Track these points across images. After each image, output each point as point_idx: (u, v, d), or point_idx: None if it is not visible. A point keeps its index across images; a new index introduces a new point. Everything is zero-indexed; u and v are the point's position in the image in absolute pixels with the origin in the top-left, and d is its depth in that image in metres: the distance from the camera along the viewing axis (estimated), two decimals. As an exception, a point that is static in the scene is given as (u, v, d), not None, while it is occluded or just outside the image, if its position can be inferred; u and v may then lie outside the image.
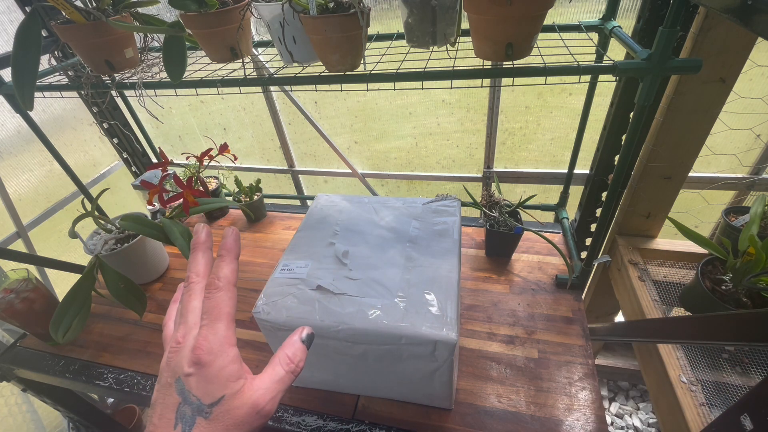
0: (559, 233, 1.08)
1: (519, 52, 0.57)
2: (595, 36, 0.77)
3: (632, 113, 0.71)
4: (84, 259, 0.94)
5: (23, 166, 1.27)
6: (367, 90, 0.73)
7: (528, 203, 0.99)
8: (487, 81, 1.10)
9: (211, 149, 1.02)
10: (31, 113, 0.83)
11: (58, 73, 0.82)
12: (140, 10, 0.72)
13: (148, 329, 0.96)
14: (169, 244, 0.86)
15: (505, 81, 1.04)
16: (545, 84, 0.62)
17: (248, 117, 1.45)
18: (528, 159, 1.28)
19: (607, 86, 0.93)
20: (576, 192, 1.07)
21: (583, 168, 1.09)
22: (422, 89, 0.81)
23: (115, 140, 1.31)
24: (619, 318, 1.34)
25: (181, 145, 1.62)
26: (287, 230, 1.21)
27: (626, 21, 0.78)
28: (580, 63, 0.56)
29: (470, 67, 0.59)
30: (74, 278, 0.87)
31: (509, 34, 0.55)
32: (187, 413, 0.26)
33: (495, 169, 1.30)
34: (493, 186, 1.15)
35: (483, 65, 0.60)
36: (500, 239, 0.98)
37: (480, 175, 1.34)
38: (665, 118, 0.85)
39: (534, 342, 0.81)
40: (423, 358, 0.59)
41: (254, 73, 0.72)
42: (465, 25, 0.64)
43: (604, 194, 0.97)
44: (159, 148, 1.04)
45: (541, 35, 0.62)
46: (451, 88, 1.12)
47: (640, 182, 0.96)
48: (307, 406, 0.75)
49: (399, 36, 0.76)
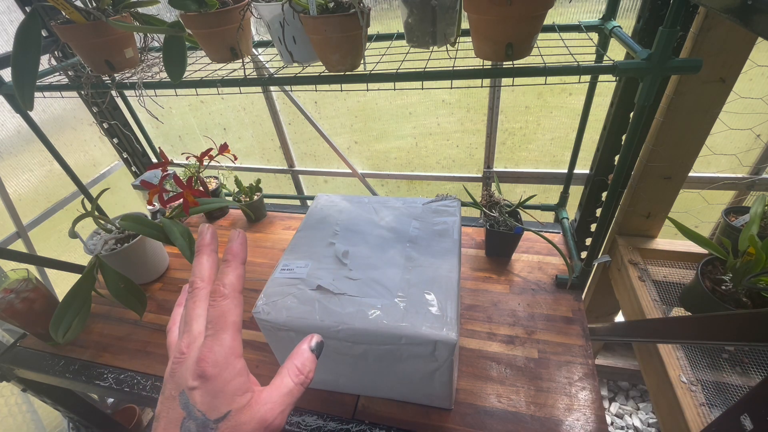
0: (559, 233, 1.08)
1: (519, 52, 0.57)
2: (595, 36, 0.77)
3: (632, 113, 0.71)
4: (84, 259, 0.94)
5: (23, 166, 1.27)
6: (367, 90, 0.73)
7: (528, 203, 0.99)
8: (487, 81, 1.10)
9: (211, 149, 1.02)
10: (31, 113, 0.83)
11: (58, 73, 0.82)
12: (140, 10, 0.72)
13: (148, 329, 0.96)
14: (169, 244, 0.86)
15: (505, 81, 1.04)
16: (545, 84, 0.62)
17: (248, 117, 1.45)
18: (528, 159, 1.28)
19: (607, 86, 0.93)
20: (576, 192, 1.07)
21: (583, 168, 1.09)
22: (422, 89, 0.81)
23: (115, 140, 1.31)
24: (619, 318, 1.34)
25: (181, 145, 1.62)
26: (287, 230, 1.21)
27: (626, 21, 0.78)
28: (580, 63, 0.56)
29: (470, 67, 0.59)
30: (74, 278, 0.87)
31: (509, 34, 0.55)
32: (192, 429, 0.25)
33: (495, 169, 1.30)
34: (493, 186, 1.15)
35: (483, 65, 0.60)
36: (500, 239, 0.98)
37: (480, 175, 1.34)
38: (665, 118, 0.85)
39: (534, 342, 0.81)
40: (423, 358, 0.59)
41: (254, 73, 0.72)
42: (465, 25, 0.64)
43: (604, 194, 0.97)
44: (159, 148, 1.04)
45: (541, 35, 0.62)
46: (451, 88, 1.12)
47: (640, 182, 0.96)
48: (307, 406, 0.75)
49: (399, 36, 0.76)
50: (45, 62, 0.76)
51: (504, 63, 0.59)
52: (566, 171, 1.06)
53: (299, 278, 0.65)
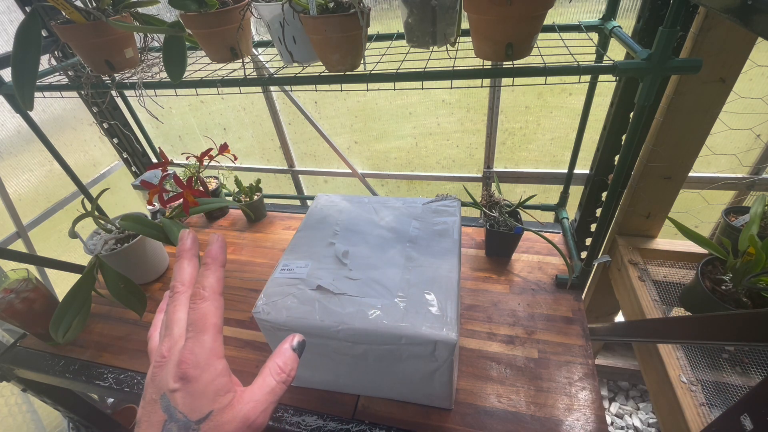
0: (559, 233, 1.08)
1: (519, 52, 0.57)
2: (595, 36, 0.77)
3: (632, 113, 0.71)
4: (84, 259, 0.94)
5: (23, 166, 1.27)
6: (367, 90, 0.73)
7: (528, 203, 0.99)
8: (487, 81, 1.10)
9: (211, 149, 1.02)
10: (31, 113, 0.83)
11: (58, 73, 0.82)
12: (140, 10, 0.72)
13: (148, 329, 0.95)
14: (169, 244, 0.86)
15: (505, 81, 1.04)
16: (545, 84, 0.62)
17: (248, 117, 1.45)
18: (528, 159, 1.28)
19: (607, 86, 0.93)
20: (576, 192, 1.07)
21: (583, 168, 1.09)
22: (422, 89, 0.81)
23: (115, 140, 1.31)
24: (619, 318, 1.34)
25: (181, 145, 1.62)
26: (287, 230, 1.21)
27: (626, 21, 0.78)
28: (580, 63, 0.56)
29: (470, 67, 0.59)
30: (74, 278, 0.87)
31: (509, 34, 0.55)
32: (174, 431, 0.25)
33: (495, 169, 1.30)
34: (493, 186, 1.15)
35: (483, 65, 0.60)
36: (500, 239, 0.98)
37: (480, 175, 1.34)
38: (665, 118, 0.85)
39: (534, 342, 0.81)
40: (423, 358, 0.59)
41: (254, 73, 0.72)
42: (465, 25, 0.64)
43: (604, 194, 0.97)
44: (159, 148, 1.04)
45: (541, 35, 0.62)
46: (451, 88, 1.12)
47: (640, 182, 0.96)
48: (307, 406, 0.75)
49: (399, 36, 0.76)
50: (45, 62, 0.76)
51: (504, 63, 0.59)
52: (566, 171, 1.06)
53: (299, 278, 0.65)
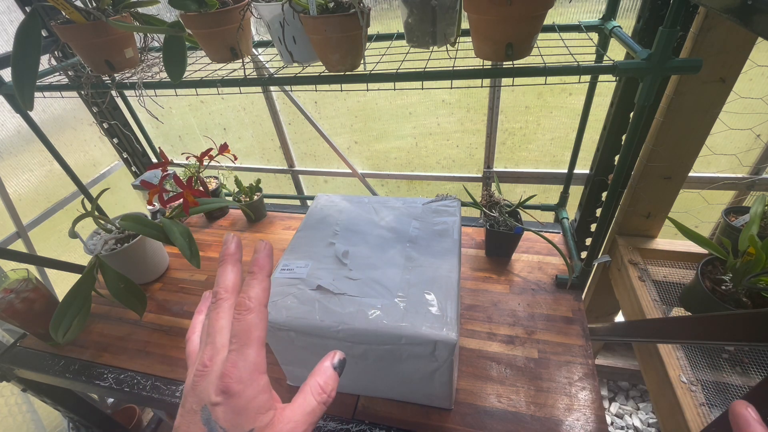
0: (559, 233, 1.08)
1: (519, 52, 0.57)
2: (595, 36, 0.77)
3: (632, 113, 0.71)
4: (84, 259, 0.94)
5: (23, 166, 1.27)
6: (367, 90, 0.73)
7: (528, 203, 0.99)
8: (487, 81, 1.10)
9: (211, 149, 1.02)
10: (31, 113, 0.83)
11: (58, 73, 0.82)
12: (140, 10, 0.72)
13: (148, 329, 0.95)
14: (169, 244, 0.86)
15: (505, 81, 1.04)
16: (545, 84, 0.62)
17: (248, 117, 1.45)
18: (528, 159, 1.28)
19: (607, 86, 0.93)
20: (576, 192, 1.07)
21: (583, 168, 1.09)
22: (422, 89, 0.81)
23: (115, 140, 1.31)
24: (619, 318, 1.34)
25: (181, 145, 1.62)
26: (287, 230, 1.21)
27: (626, 21, 0.78)
28: (580, 63, 0.56)
29: (470, 67, 0.59)
30: (74, 278, 0.87)
31: (509, 34, 0.55)
32: None
33: (495, 169, 1.30)
34: (493, 186, 1.15)
35: (483, 65, 0.60)
36: (500, 239, 0.98)
37: (480, 175, 1.34)
38: (665, 118, 0.85)
39: (534, 342, 0.81)
40: (423, 358, 0.59)
41: (254, 73, 0.72)
42: (465, 25, 0.64)
43: (604, 194, 0.97)
44: (159, 148, 1.04)
45: (541, 35, 0.62)
46: (451, 88, 1.12)
47: (640, 182, 0.96)
48: (307, 406, 0.74)
49: (399, 36, 0.76)
50: (45, 62, 0.76)
51: (504, 63, 0.59)
52: (566, 171, 1.06)
53: (299, 278, 0.65)
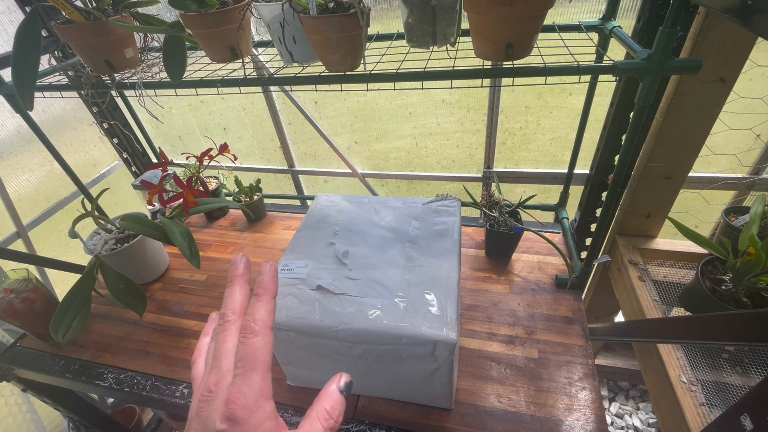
0: (559, 233, 1.08)
1: (519, 52, 0.57)
2: (595, 36, 0.77)
3: (632, 113, 0.71)
4: (84, 259, 0.94)
5: (23, 166, 1.27)
6: (367, 90, 0.73)
7: (528, 203, 0.99)
8: (487, 81, 1.10)
9: (211, 149, 1.02)
10: (31, 113, 0.83)
11: (58, 73, 0.82)
12: (140, 10, 0.72)
13: (148, 329, 0.95)
14: (169, 244, 0.86)
15: (505, 81, 1.04)
16: (545, 84, 0.62)
17: (248, 117, 1.45)
18: (528, 159, 1.28)
19: (607, 86, 0.93)
20: (576, 192, 1.07)
21: (583, 168, 1.09)
22: (422, 89, 0.81)
23: (115, 140, 1.31)
24: (619, 318, 1.34)
25: (181, 145, 1.62)
26: (287, 230, 1.21)
27: (626, 21, 0.78)
28: (580, 63, 0.56)
29: (470, 67, 0.59)
30: (74, 278, 0.87)
31: (509, 34, 0.55)
32: None
33: (495, 169, 1.30)
34: (493, 186, 1.15)
35: (483, 65, 0.60)
36: (500, 239, 0.98)
37: (480, 175, 1.34)
38: (665, 118, 0.85)
39: (534, 342, 0.81)
40: (423, 358, 0.59)
41: (254, 73, 0.72)
42: (465, 25, 0.64)
43: (604, 194, 0.97)
44: (159, 148, 1.04)
45: (541, 35, 0.62)
46: (451, 88, 1.12)
47: (640, 182, 0.96)
48: (307, 406, 0.74)
49: (399, 36, 0.76)
50: (45, 62, 0.76)
51: (504, 63, 0.59)
52: (566, 171, 1.06)
53: (299, 278, 0.65)
